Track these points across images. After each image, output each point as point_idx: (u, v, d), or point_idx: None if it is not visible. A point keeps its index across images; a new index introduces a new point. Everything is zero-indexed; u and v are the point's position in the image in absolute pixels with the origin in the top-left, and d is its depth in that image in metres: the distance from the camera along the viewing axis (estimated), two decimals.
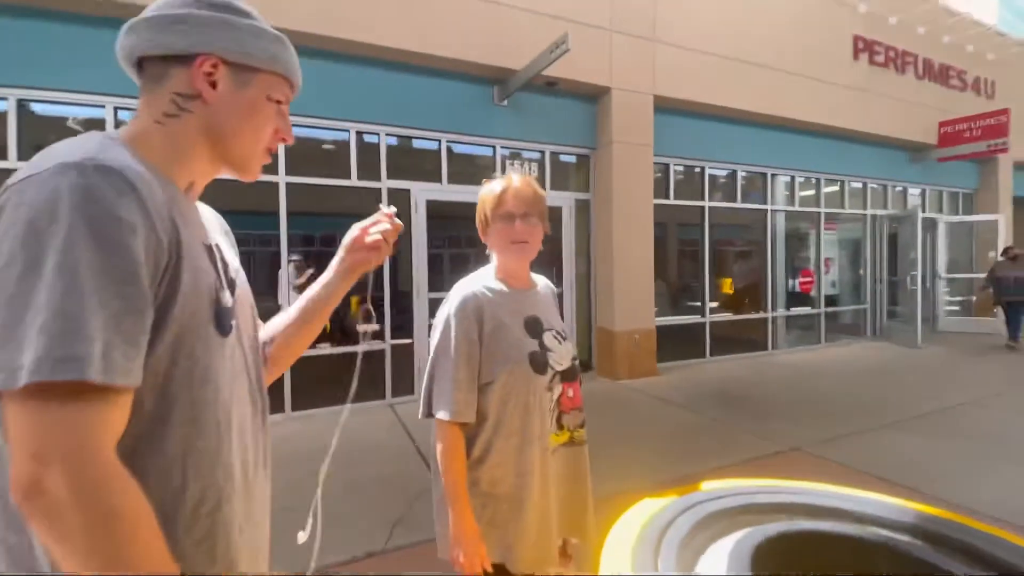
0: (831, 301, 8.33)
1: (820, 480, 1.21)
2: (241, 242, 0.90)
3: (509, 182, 1.24)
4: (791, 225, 8.10)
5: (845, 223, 8.65)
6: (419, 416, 1.22)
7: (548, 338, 1.26)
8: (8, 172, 0.67)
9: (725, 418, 4.31)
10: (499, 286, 1.26)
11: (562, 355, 1.26)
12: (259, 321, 0.93)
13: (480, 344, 1.18)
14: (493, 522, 1.18)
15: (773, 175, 7.56)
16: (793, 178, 7.79)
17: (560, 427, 1.25)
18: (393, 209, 0.94)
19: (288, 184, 4.66)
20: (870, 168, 8.47)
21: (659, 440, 3.85)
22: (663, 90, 6.03)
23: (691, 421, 4.29)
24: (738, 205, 7.28)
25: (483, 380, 1.19)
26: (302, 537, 0.91)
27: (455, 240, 7.86)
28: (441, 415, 1.15)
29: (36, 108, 4.00)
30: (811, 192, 8.08)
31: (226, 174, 0.78)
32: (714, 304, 7.12)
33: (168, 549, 0.55)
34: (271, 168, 4.58)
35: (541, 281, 1.39)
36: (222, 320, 0.68)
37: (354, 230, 0.92)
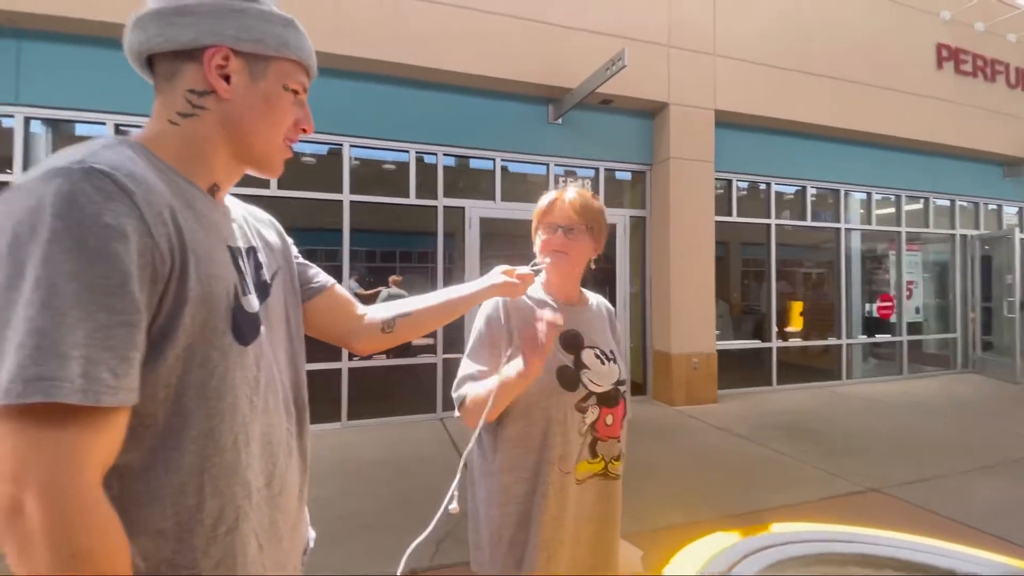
0: (914, 328, 7.62)
1: (901, 526, 1.08)
2: (309, 258, 0.95)
3: (561, 193, 1.23)
4: (867, 245, 7.54)
5: (930, 243, 7.95)
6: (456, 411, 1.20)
7: (588, 356, 1.20)
8: None
9: (792, 452, 3.99)
10: (543, 297, 1.25)
11: (602, 376, 1.19)
12: (351, 301, 0.97)
13: (506, 351, 1.15)
14: (500, 536, 1.13)
15: (847, 192, 7.10)
16: (870, 195, 7.27)
17: (594, 454, 1.17)
18: (535, 272, 1.15)
19: (352, 202, 4.87)
20: (959, 184, 7.77)
21: (719, 472, 3.61)
22: (724, 104, 5.84)
23: (754, 453, 4.01)
24: (807, 223, 6.88)
25: None
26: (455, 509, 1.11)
27: (509, 257, 7.89)
28: (456, 399, 1.16)
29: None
30: (890, 210, 7.50)
31: (250, 172, 0.75)
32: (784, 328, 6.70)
33: None
34: (336, 187, 4.81)
35: (595, 299, 1.35)
36: (242, 328, 0.64)
37: (505, 266, 1.09)
